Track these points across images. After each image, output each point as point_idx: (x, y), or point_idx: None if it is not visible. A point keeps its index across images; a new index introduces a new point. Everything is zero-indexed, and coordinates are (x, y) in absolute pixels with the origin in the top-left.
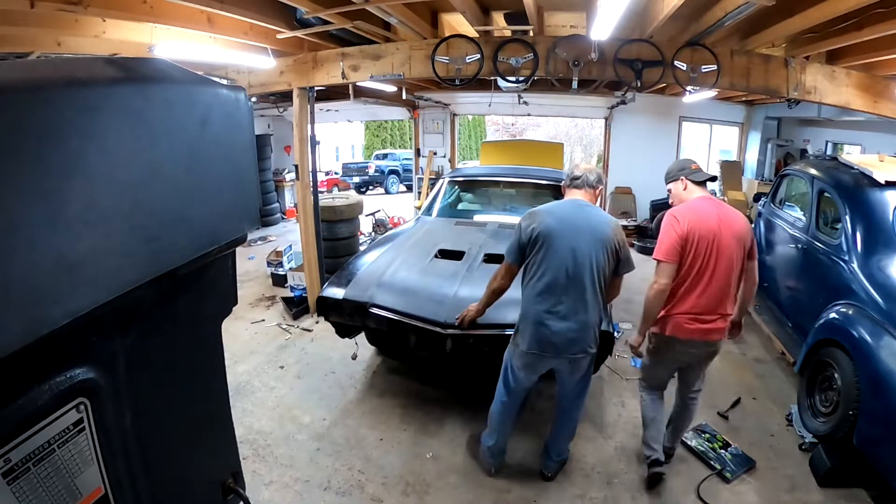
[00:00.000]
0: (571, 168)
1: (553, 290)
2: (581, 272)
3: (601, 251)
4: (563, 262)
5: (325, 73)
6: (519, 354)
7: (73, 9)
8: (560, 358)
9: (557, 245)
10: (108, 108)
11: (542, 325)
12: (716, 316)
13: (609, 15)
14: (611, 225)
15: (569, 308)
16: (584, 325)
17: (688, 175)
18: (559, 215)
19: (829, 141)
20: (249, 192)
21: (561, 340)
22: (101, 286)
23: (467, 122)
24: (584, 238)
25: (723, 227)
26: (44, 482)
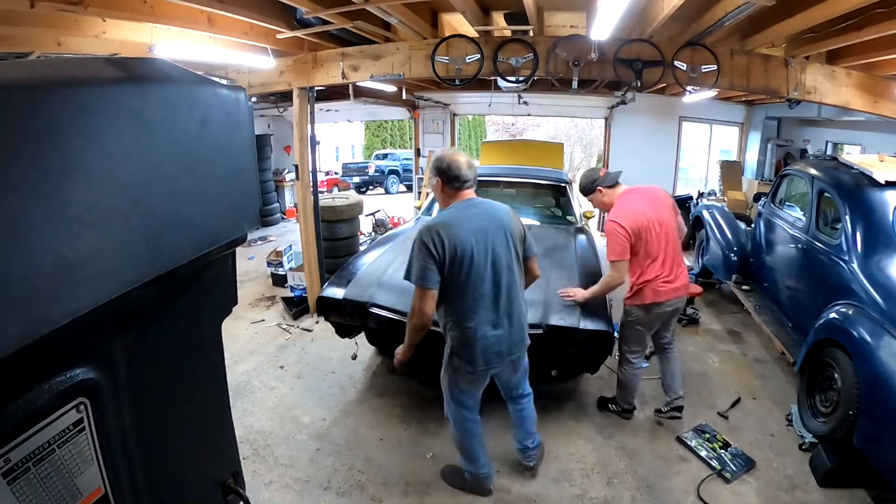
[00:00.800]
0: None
1: (485, 300)
2: (505, 271)
3: (512, 242)
4: (486, 268)
5: (325, 73)
6: (465, 375)
7: (73, 9)
8: (504, 362)
9: (476, 253)
10: (108, 108)
11: (484, 339)
12: (677, 276)
13: (609, 15)
14: (509, 212)
15: (504, 312)
16: (521, 324)
17: (601, 184)
18: (465, 222)
19: (829, 141)
20: (249, 192)
21: (505, 347)
22: (101, 286)
23: (467, 122)
24: (495, 236)
25: (654, 207)
26: (44, 482)
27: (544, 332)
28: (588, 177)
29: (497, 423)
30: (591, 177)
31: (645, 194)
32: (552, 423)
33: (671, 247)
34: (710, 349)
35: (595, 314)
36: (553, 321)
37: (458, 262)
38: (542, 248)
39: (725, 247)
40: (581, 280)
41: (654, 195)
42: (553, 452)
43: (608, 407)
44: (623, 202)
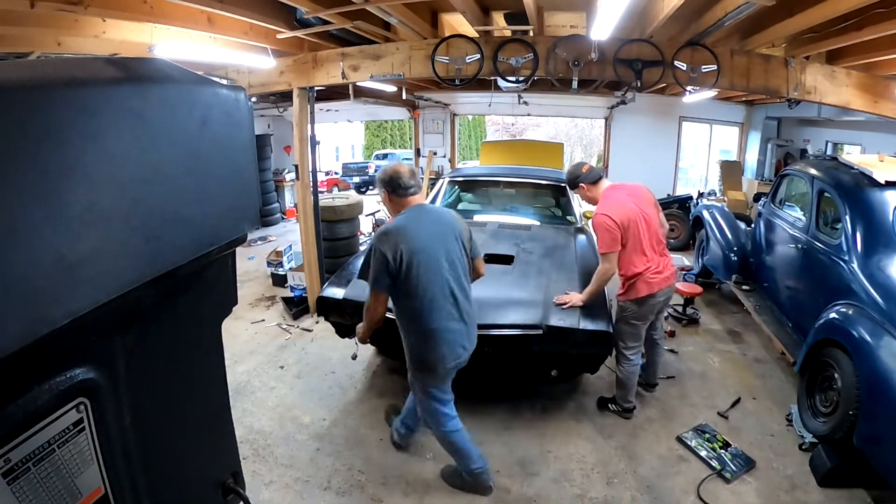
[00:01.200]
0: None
1: (442, 300)
2: (459, 271)
3: (459, 243)
4: (440, 270)
5: (325, 73)
6: (437, 377)
7: (73, 9)
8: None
9: (428, 255)
10: (108, 108)
11: (448, 335)
12: (664, 266)
13: (609, 15)
14: (454, 215)
15: (463, 310)
16: (474, 321)
17: (583, 180)
18: (418, 227)
19: (829, 141)
20: (249, 192)
21: (468, 342)
22: (101, 286)
23: (467, 122)
24: (448, 239)
25: (638, 204)
26: (44, 482)
27: (544, 332)
28: (572, 172)
29: (497, 424)
30: (574, 172)
31: (628, 190)
32: (552, 423)
33: (655, 240)
34: (710, 349)
35: (595, 314)
36: (553, 321)
37: (415, 264)
38: (541, 248)
39: (725, 247)
40: (581, 280)
41: (636, 191)
42: (553, 452)
43: (608, 407)
44: (609, 197)
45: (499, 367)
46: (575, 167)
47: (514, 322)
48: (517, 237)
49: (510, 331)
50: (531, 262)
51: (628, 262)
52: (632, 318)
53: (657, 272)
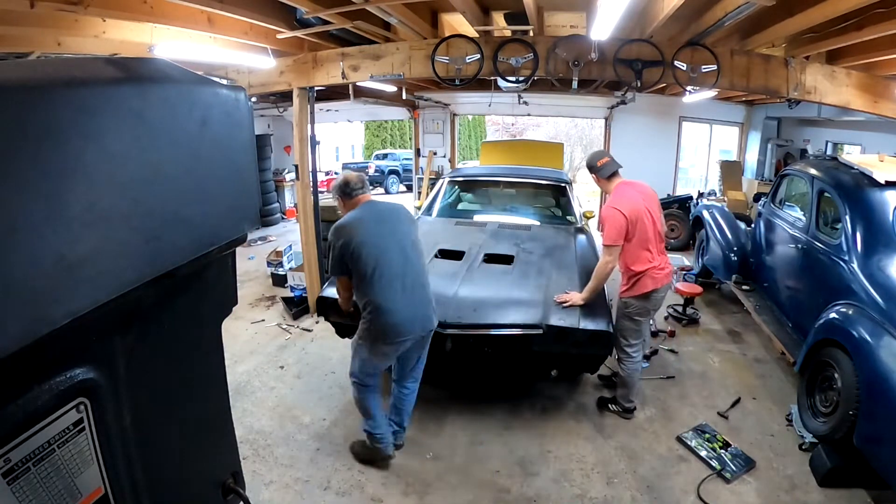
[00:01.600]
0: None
1: (393, 279)
2: (408, 255)
3: (411, 231)
4: (393, 255)
5: (325, 73)
6: (375, 347)
7: (73, 9)
8: (413, 336)
9: (377, 242)
10: (108, 108)
11: (394, 314)
12: (665, 264)
13: (609, 15)
14: (401, 206)
15: (410, 290)
16: (427, 301)
17: (597, 173)
18: (364, 219)
19: (829, 141)
20: (249, 192)
21: (417, 321)
22: (101, 286)
23: (467, 122)
24: (394, 227)
25: (646, 201)
26: (44, 482)
27: (544, 332)
28: (591, 158)
29: (497, 424)
30: (592, 160)
31: (637, 188)
32: (552, 423)
33: (658, 238)
34: (710, 349)
35: (595, 314)
36: (553, 321)
37: (364, 252)
38: (541, 248)
39: (725, 247)
40: (581, 280)
41: (644, 190)
42: (553, 452)
43: (608, 407)
44: (621, 191)
45: (499, 366)
46: (595, 155)
47: (514, 322)
48: (517, 237)
49: (510, 331)
50: (531, 262)
51: (635, 257)
52: (635, 314)
53: (660, 269)
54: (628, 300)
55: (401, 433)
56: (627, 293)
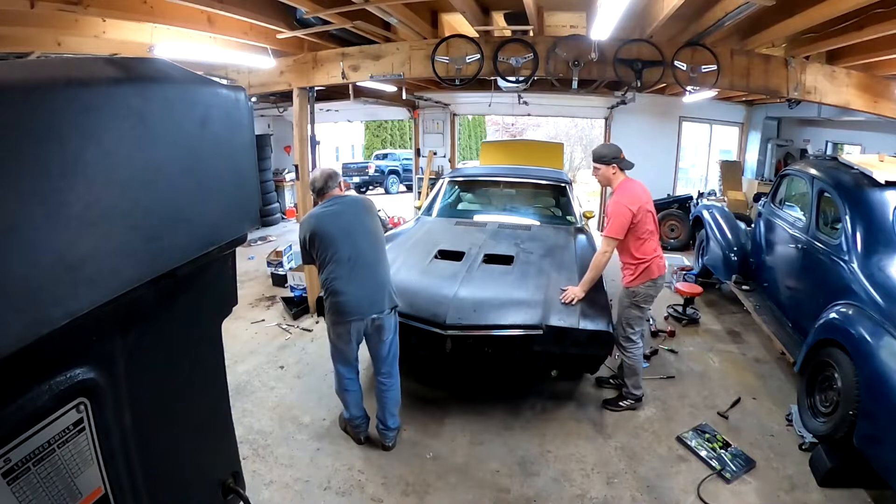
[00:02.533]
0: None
1: (344, 264)
2: (360, 242)
3: (367, 220)
4: (344, 241)
5: (325, 73)
6: (333, 328)
7: (73, 9)
8: (366, 320)
9: (332, 231)
10: (108, 108)
11: (343, 294)
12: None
13: (609, 15)
14: (362, 198)
15: (361, 275)
16: (378, 285)
17: (619, 163)
18: (323, 212)
19: (829, 141)
20: (249, 192)
21: (364, 302)
22: (101, 286)
23: (467, 122)
24: (349, 217)
25: (645, 197)
26: (44, 482)
27: (544, 332)
28: (613, 150)
29: (497, 424)
30: (616, 153)
31: (639, 185)
32: (552, 423)
33: (656, 229)
34: (710, 349)
35: (595, 314)
36: (553, 321)
37: (321, 238)
38: (541, 248)
39: (725, 247)
40: (581, 280)
41: (644, 188)
42: (553, 452)
43: (619, 405)
44: (628, 188)
45: (499, 367)
46: (615, 148)
47: (515, 322)
48: (517, 237)
49: (510, 331)
50: (531, 262)
51: (645, 247)
52: (643, 301)
53: (661, 258)
54: (636, 289)
55: (387, 434)
56: (635, 282)
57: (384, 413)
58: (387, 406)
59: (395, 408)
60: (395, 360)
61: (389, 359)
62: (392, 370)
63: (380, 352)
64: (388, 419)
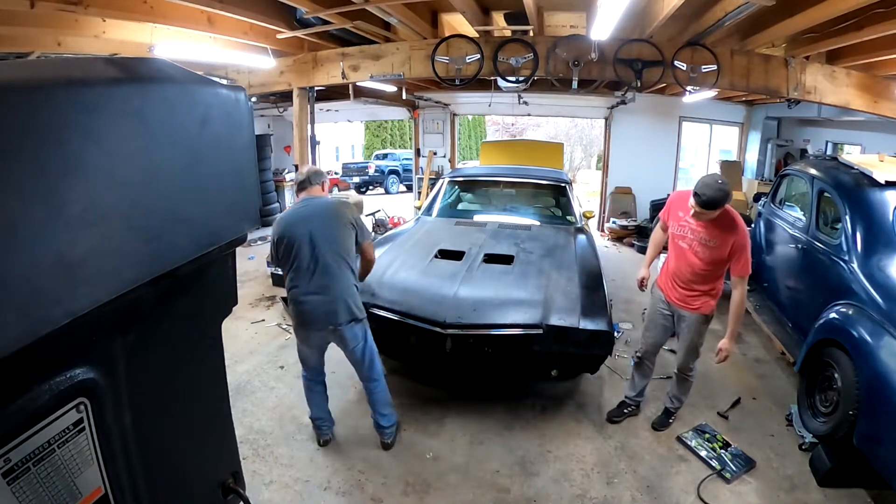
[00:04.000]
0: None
1: (303, 272)
2: (321, 252)
3: (333, 228)
4: (305, 248)
5: (325, 73)
6: (296, 332)
7: (73, 9)
8: (325, 330)
9: (297, 237)
10: (108, 108)
11: (301, 304)
12: None
13: (609, 15)
14: (334, 204)
15: (317, 285)
16: (336, 296)
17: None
18: (292, 215)
19: (829, 141)
20: (249, 192)
21: (319, 313)
22: (101, 286)
23: (467, 122)
24: (314, 223)
25: None
26: (44, 482)
27: (544, 332)
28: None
29: (497, 424)
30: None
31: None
32: (552, 423)
33: None
34: (710, 349)
35: (595, 314)
36: (553, 321)
37: (286, 243)
38: (541, 248)
39: None
40: (581, 280)
41: None
42: (553, 452)
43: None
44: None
45: (499, 366)
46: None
47: (515, 322)
48: (517, 237)
49: (510, 330)
50: (531, 262)
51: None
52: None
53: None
54: (710, 315)
55: (382, 431)
56: (713, 309)
57: (375, 413)
58: (375, 406)
59: (384, 407)
60: (372, 364)
61: (366, 364)
62: (371, 374)
63: (353, 359)
64: (380, 418)
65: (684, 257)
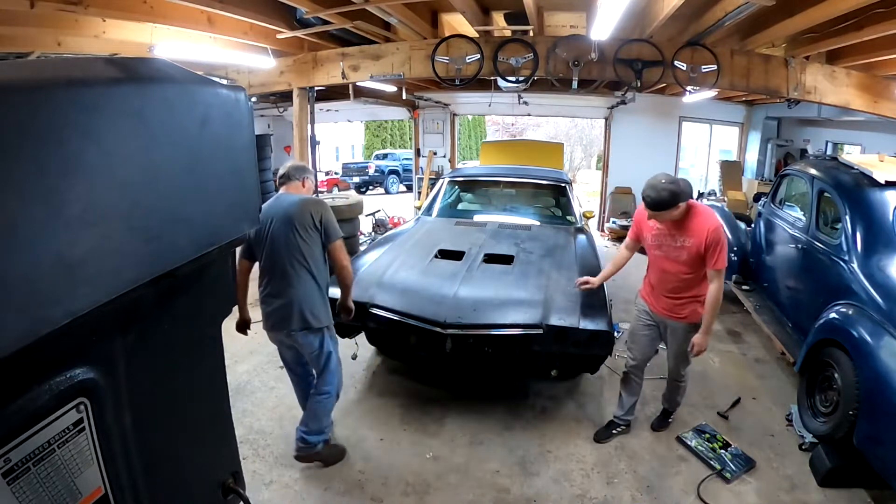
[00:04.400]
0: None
1: (263, 274)
2: (277, 255)
3: (291, 230)
4: (265, 249)
5: (325, 73)
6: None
7: (73, 9)
8: (282, 333)
9: (260, 237)
10: (108, 108)
11: (263, 305)
12: None
13: (609, 15)
14: (299, 205)
15: (275, 288)
16: (291, 301)
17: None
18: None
19: (829, 141)
20: (249, 192)
21: (276, 317)
22: (101, 286)
23: (467, 122)
24: (276, 224)
25: None
26: (44, 482)
27: (544, 332)
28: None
29: (497, 424)
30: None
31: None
32: (552, 423)
33: None
34: (710, 349)
35: (595, 314)
36: (553, 321)
37: (253, 245)
38: (542, 248)
39: None
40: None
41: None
42: (553, 452)
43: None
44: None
45: (499, 366)
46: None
47: (514, 322)
48: (517, 237)
49: (510, 331)
50: (531, 261)
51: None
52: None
53: None
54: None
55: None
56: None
57: (301, 423)
58: (306, 418)
59: (311, 421)
60: (324, 377)
61: (321, 373)
62: (320, 387)
63: (311, 365)
64: (302, 429)
65: (665, 265)
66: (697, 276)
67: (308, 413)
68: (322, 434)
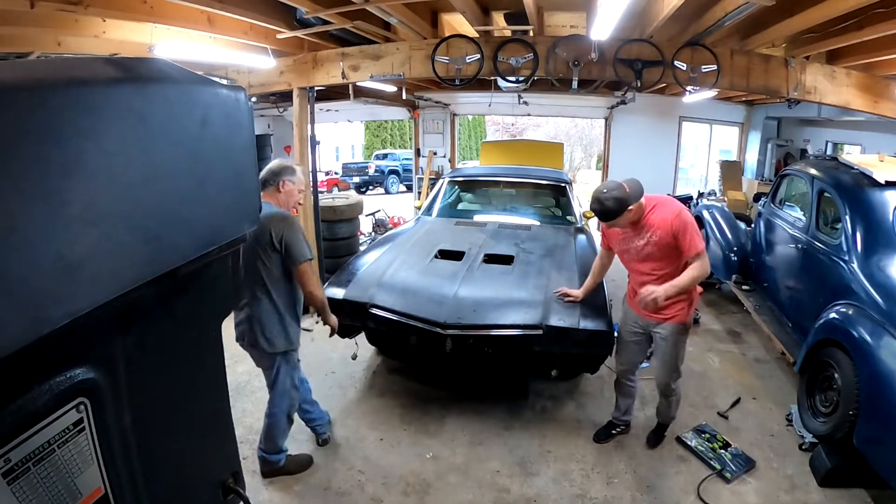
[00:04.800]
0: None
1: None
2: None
3: (252, 247)
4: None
5: (325, 73)
6: None
7: (73, 9)
8: (245, 347)
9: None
10: (108, 108)
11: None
12: None
13: (609, 15)
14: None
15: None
16: (249, 317)
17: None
18: None
19: (829, 141)
20: (249, 192)
21: (237, 331)
22: (101, 286)
23: (467, 122)
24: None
25: None
26: (44, 482)
27: (544, 331)
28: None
29: (497, 424)
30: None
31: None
32: (552, 423)
33: None
34: (710, 349)
35: (595, 314)
36: (553, 321)
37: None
38: (542, 248)
39: (725, 247)
40: (581, 280)
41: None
42: (553, 452)
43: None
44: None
45: (499, 366)
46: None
47: (514, 322)
48: (517, 237)
49: (510, 331)
50: (531, 262)
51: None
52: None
53: None
54: (688, 324)
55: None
56: (690, 316)
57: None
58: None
59: (266, 442)
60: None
61: (270, 394)
62: (270, 407)
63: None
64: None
65: (639, 266)
66: (676, 270)
67: (263, 433)
68: (281, 453)
